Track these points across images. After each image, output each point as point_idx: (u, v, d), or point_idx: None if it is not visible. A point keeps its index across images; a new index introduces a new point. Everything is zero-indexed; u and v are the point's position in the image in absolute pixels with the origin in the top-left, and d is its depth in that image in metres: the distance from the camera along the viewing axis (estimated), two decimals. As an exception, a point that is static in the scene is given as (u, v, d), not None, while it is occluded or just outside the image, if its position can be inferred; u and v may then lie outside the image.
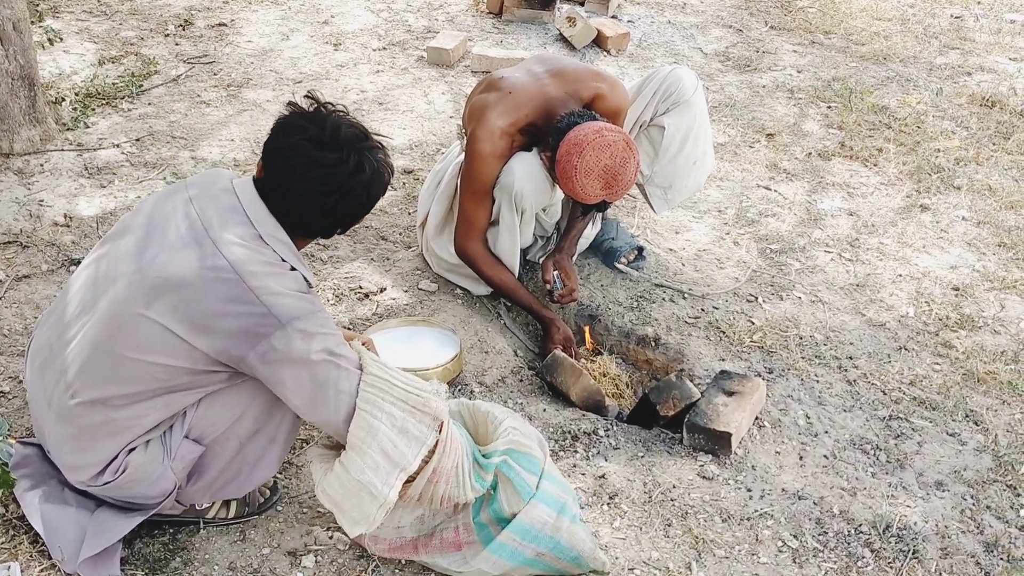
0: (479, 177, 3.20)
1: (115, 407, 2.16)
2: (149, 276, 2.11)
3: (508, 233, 3.28)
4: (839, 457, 2.92)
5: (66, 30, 5.17)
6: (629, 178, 3.03)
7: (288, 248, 2.19)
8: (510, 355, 3.27)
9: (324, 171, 2.14)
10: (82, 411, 2.18)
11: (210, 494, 2.37)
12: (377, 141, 2.25)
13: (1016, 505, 2.80)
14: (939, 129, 4.89)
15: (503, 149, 3.17)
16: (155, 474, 2.23)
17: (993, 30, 6.19)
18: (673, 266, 3.72)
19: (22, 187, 3.83)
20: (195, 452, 2.25)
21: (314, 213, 2.19)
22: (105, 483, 2.24)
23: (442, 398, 2.23)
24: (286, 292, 2.09)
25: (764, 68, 5.48)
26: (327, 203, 2.17)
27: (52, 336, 2.28)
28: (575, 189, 3.02)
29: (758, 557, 2.56)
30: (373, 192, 2.22)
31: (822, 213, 4.17)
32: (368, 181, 2.19)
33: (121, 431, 2.18)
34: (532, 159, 3.19)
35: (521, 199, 3.18)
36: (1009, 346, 3.45)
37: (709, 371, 3.23)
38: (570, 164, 2.98)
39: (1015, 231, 4.11)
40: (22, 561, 2.31)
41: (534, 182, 3.18)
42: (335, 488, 2.18)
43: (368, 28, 5.62)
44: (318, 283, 3.44)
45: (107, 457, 2.21)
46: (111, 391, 2.15)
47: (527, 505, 2.30)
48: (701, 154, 3.52)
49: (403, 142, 4.46)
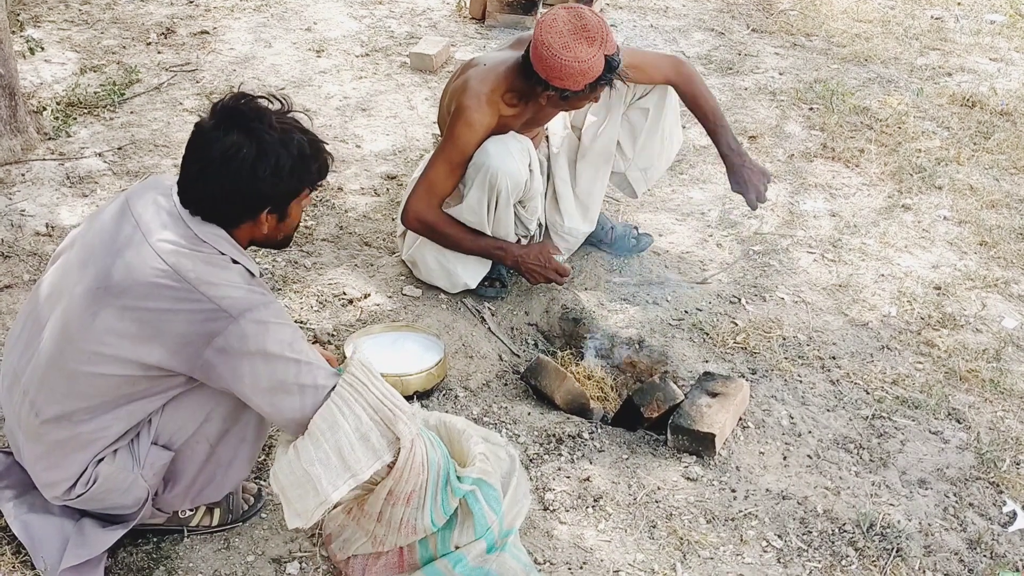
0: (459, 144, 3.20)
1: (78, 422, 2.15)
2: (92, 287, 2.11)
3: (472, 212, 3.28)
4: (823, 457, 2.93)
5: (47, 39, 5.16)
6: (596, 19, 3.00)
7: (227, 242, 2.17)
8: (494, 359, 3.27)
9: (213, 154, 2.10)
10: (47, 429, 2.17)
11: (189, 499, 2.36)
12: (283, 117, 2.18)
13: (998, 502, 2.82)
14: (920, 129, 4.91)
15: (489, 117, 3.18)
16: (126, 483, 2.22)
17: (973, 31, 6.24)
18: (656, 268, 3.73)
19: (3, 197, 3.82)
20: (164, 458, 2.24)
21: (228, 197, 2.13)
22: (78, 496, 2.23)
23: (415, 423, 2.19)
24: (232, 285, 2.08)
25: (746, 71, 5.50)
26: (233, 184, 2.11)
27: (14, 356, 2.28)
28: (569, 66, 2.98)
29: (743, 557, 2.57)
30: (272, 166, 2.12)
31: (805, 214, 4.19)
32: (256, 155, 2.10)
33: (88, 444, 2.17)
34: (509, 140, 3.21)
35: (496, 178, 3.18)
36: (991, 344, 3.47)
37: (693, 373, 3.24)
38: (548, 53, 2.98)
39: (996, 230, 4.14)
40: (5, 571, 2.30)
41: (510, 161, 3.20)
42: (285, 473, 2.14)
43: (351, 34, 5.62)
44: (301, 290, 3.44)
45: (77, 471, 2.20)
46: (71, 406, 2.14)
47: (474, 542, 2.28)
48: (671, 126, 3.58)
49: (386, 147, 4.46)
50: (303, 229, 3.80)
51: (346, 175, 4.21)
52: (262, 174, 2.12)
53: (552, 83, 3.05)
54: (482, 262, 3.43)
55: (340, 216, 3.92)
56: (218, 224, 2.18)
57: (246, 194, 2.14)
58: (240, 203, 2.16)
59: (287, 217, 2.26)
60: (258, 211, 2.18)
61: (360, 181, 4.18)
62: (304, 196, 2.26)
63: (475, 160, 3.21)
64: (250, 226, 2.21)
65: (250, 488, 2.57)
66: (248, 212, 2.18)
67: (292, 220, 2.28)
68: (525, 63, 3.09)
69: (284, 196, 2.20)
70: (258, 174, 2.11)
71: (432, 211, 3.30)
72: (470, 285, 3.45)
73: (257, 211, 2.18)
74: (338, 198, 4.04)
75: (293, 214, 2.27)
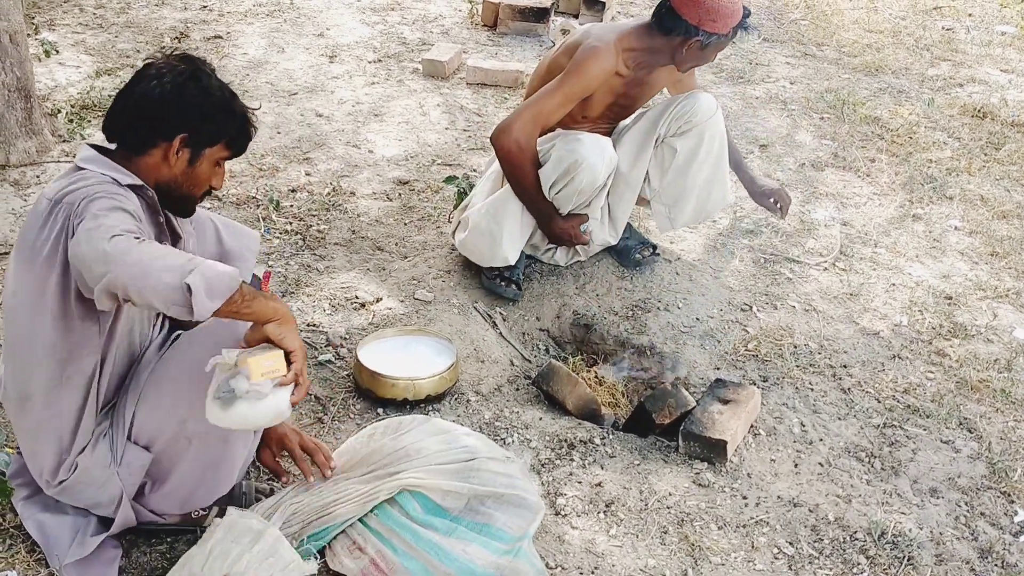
0: (584, 77, 3.24)
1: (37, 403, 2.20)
2: (14, 258, 2.18)
3: (541, 175, 3.34)
4: (834, 465, 2.93)
5: (62, 42, 5.19)
6: None
7: (105, 164, 2.15)
8: (506, 364, 3.28)
9: (148, 71, 2.18)
10: (17, 413, 2.26)
11: (179, 502, 2.36)
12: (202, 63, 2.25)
13: (1010, 512, 2.82)
14: (931, 140, 4.92)
15: (614, 62, 3.25)
16: (101, 478, 2.25)
17: (984, 42, 6.24)
18: (668, 276, 3.74)
19: (18, 198, 3.84)
20: (143, 459, 2.26)
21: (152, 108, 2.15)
22: (60, 482, 2.26)
23: None
24: (84, 187, 2.06)
25: (757, 80, 5.51)
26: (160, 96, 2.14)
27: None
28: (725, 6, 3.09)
29: (754, 564, 2.57)
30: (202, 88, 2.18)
31: (816, 223, 4.20)
32: (190, 75, 2.18)
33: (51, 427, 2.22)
34: (606, 143, 3.31)
35: (578, 167, 3.24)
36: (1002, 354, 3.47)
37: (704, 379, 3.24)
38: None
39: (1007, 241, 4.14)
40: (20, 570, 2.31)
41: (599, 159, 3.26)
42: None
43: (363, 40, 5.64)
44: (314, 293, 3.46)
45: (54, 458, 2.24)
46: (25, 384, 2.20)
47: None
48: (707, 182, 3.51)
49: (398, 153, 4.48)
50: (315, 232, 3.82)
51: (358, 180, 4.22)
52: (190, 90, 2.16)
53: (703, 27, 3.12)
54: (522, 240, 3.47)
55: (352, 220, 3.93)
56: (126, 149, 2.18)
57: (167, 105, 2.14)
58: (157, 116, 2.15)
59: (197, 162, 2.21)
60: (174, 131, 2.16)
61: (372, 186, 4.19)
62: (220, 155, 2.24)
63: (565, 137, 3.27)
64: (160, 156, 2.17)
65: (263, 489, 2.58)
66: (162, 130, 2.15)
67: (201, 174, 2.23)
68: (661, 18, 3.18)
69: (203, 130, 2.19)
70: (186, 89, 2.16)
71: (531, 139, 3.29)
72: (509, 259, 3.45)
73: (173, 131, 2.15)
74: (350, 202, 4.05)
75: (204, 167, 2.22)
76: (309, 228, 3.85)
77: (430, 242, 3.80)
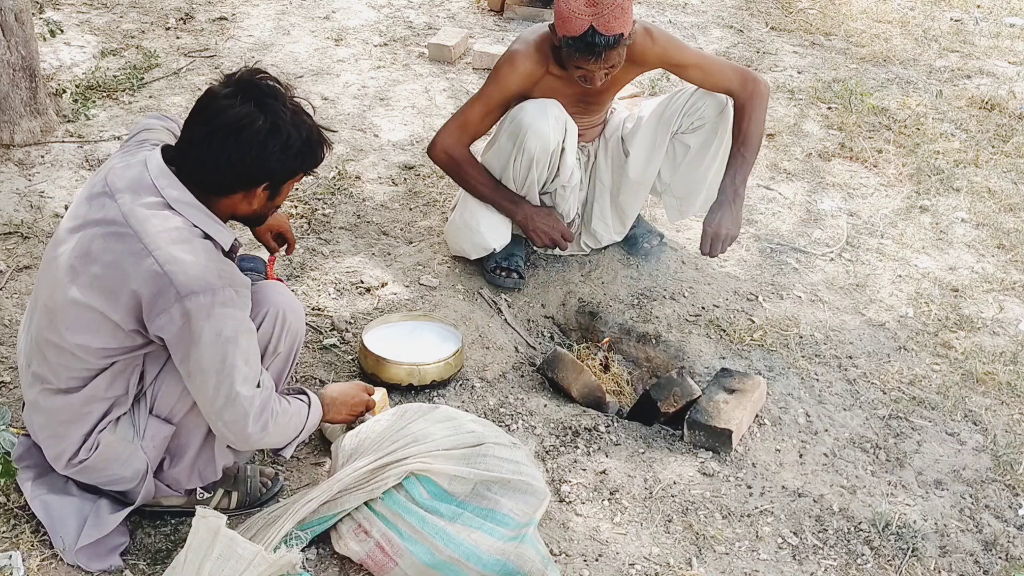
0: (499, 84, 3.24)
1: (69, 392, 2.20)
2: (71, 256, 2.15)
3: (497, 159, 3.31)
4: (839, 455, 2.93)
5: (67, 22, 5.16)
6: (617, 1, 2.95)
7: (201, 212, 2.17)
8: (511, 351, 3.27)
9: (226, 121, 2.11)
10: (44, 399, 2.24)
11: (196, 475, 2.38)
12: (293, 101, 2.21)
13: (1014, 504, 2.82)
14: (939, 131, 4.90)
15: (535, 64, 3.20)
16: (125, 453, 2.26)
17: (992, 33, 6.21)
18: (673, 265, 3.73)
19: (23, 178, 3.82)
20: (165, 431, 2.27)
21: (233, 166, 2.14)
22: (81, 462, 2.26)
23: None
24: (190, 261, 2.07)
25: (764, 69, 5.48)
26: (240, 154, 2.12)
27: (24, 332, 2.35)
28: (560, 8, 2.99)
29: (758, 554, 2.57)
30: (282, 143, 2.14)
31: (822, 213, 4.18)
32: (270, 129, 2.12)
33: (83, 413, 2.22)
34: (549, 105, 3.21)
35: (525, 135, 3.19)
36: (1008, 347, 3.46)
37: (710, 369, 3.24)
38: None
39: (1014, 233, 4.12)
40: (24, 550, 2.31)
41: (543, 123, 3.18)
42: None
43: (369, 24, 5.61)
44: (319, 278, 3.45)
45: (77, 441, 2.24)
46: (62, 374, 2.20)
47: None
48: (718, 174, 3.46)
49: (404, 137, 4.46)
50: (321, 216, 3.81)
51: (364, 164, 4.20)
52: (271, 148, 2.14)
53: (556, 28, 3.06)
54: (505, 223, 3.42)
55: (358, 204, 3.92)
56: (208, 191, 2.18)
57: (251, 166, 2.15)
58: (243, 174, 2.16)
59: (278, 195, 2.27)
60: (257, 184, 2.19)
61: (378, 170, 4.18)
62: (298, 179, 2.28)
63: (511, 112, 3.24)
64: (241, 198, 2.21)
65: (268, 472, 2.58)
66: (246, 184, 2.18)
67: (280, 199, 2.30)
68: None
69: (285, 174, 2.22)
70: (268, 148, 2.13)
71: (460, 148, 3.33)
72: (496, 247, 3.43)
73: (256, 184, 2.19)
74: (356, 187, 4.04)
75: (283, 193, 2.29)
76: (315, 212, 3.84)
77: (435, 227, 3.78)
